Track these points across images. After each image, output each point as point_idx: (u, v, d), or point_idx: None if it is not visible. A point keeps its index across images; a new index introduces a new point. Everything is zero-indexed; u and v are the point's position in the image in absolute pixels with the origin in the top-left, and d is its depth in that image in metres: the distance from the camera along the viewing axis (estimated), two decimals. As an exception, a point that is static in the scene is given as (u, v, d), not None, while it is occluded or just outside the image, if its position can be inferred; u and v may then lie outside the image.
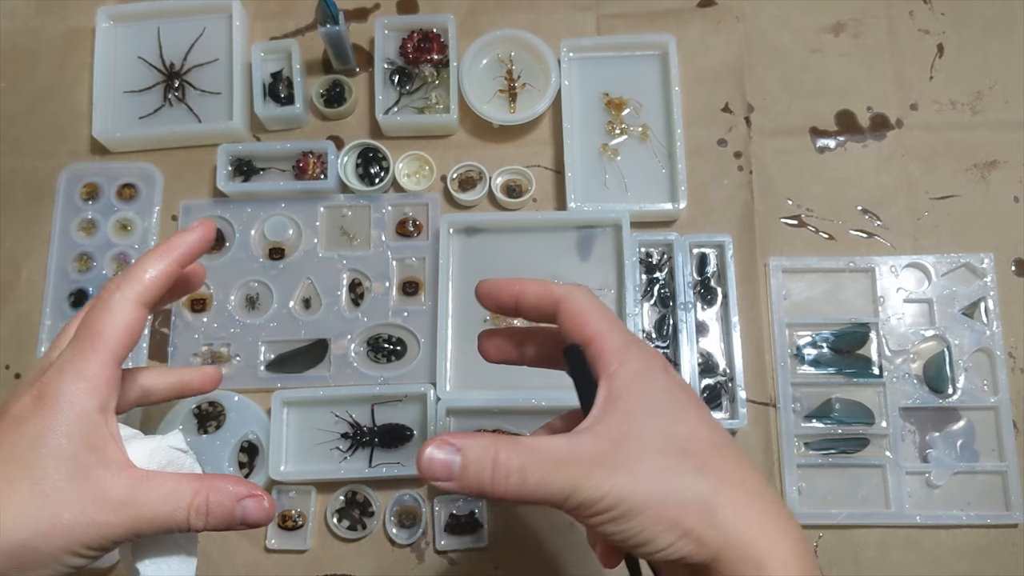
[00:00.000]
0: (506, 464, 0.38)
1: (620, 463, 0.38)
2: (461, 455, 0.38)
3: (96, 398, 0.39)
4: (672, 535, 0.37)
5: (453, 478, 0.38)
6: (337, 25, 0.73)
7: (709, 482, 0.38)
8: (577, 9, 0.81)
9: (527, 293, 0.44)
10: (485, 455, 0.38)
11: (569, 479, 0.37)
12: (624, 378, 0.40)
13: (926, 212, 0.76)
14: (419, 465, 0.39)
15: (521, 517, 0.70)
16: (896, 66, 0.79)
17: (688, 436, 0.39)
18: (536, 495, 0.37)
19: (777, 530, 0.39)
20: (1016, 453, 0.69)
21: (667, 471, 0.38)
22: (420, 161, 0.77)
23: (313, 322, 0.74)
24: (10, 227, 0.77)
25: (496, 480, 0.38)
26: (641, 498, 0.37)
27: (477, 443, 0.38)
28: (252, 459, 0.71)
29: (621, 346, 0.41)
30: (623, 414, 0.39)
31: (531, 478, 0.37)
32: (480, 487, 0.38)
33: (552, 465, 0.37)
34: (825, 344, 0.73)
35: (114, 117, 0.78)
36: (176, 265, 0.43)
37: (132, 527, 0.39)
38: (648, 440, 0.39)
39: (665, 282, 0.74)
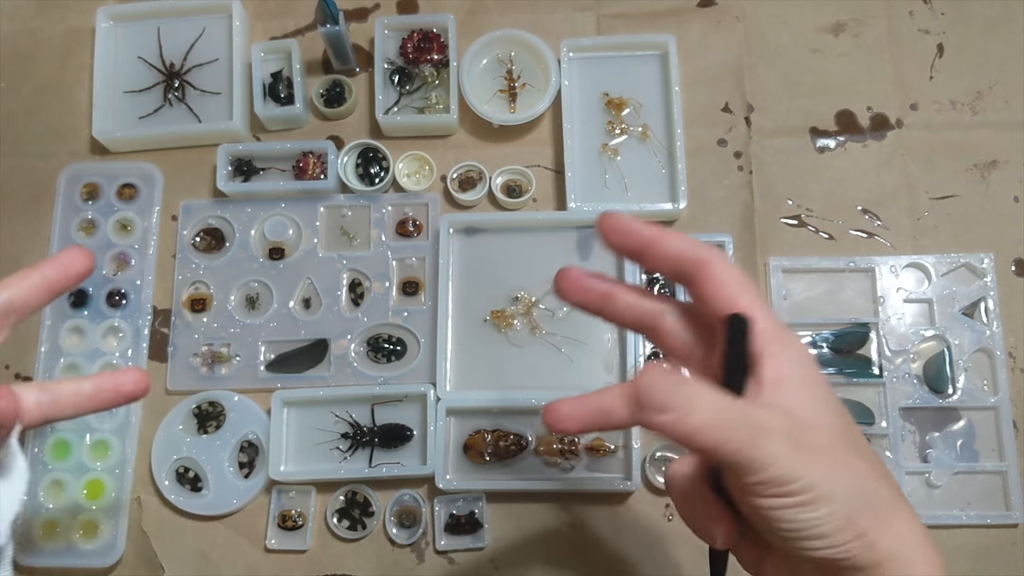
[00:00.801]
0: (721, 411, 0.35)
1: (815, 448, 0.36)
2: (689, 388, 0.35)
3: None
4: (849, 533, 0.36)
5: (674, 409, 0.35)
6: (337, 25, 0.73)
7: (881, 483, 0.38)
8: (577, 9, 0.81)
9: (663, 243, 0.40)
10: (710, 397, 0.35)
11: (774, 450, 0.35)
12: (791, 362, 0.38)
13: (926, 212, 0.76)
14: (640, 387, 0.35)
15: (521, 517, 0.70)
16: (896, 66, 0.79)
17: (856, 435, 0.38)
18: (735, 455, 0.35)
19: (929, 548, 0.38)
20: (1016, 453, 0.69)
21: (854, 466, 0.37)
22: (420, 161, 0.77)
23: (313, 322, 0.74)
24: (10, 227, 0.77)
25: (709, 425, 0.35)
26: (833, 488, 0.36)
27: (703, 383, 0.36)
28: (252, 459, 0.71)
29: (779, 328, 0.39)
30: (801, 398, 0.37)
31: (739, 436, 0.35)
32: (694, 426, 0.35)
33: (759, 430, 0.35)
34: (825, 344, 0.73)
35: (114, 117, 0.78)
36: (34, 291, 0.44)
37: None
38: (831, 431, 0.37)
39: (665, 282, 0.74)
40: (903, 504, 0.39)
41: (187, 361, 0.73)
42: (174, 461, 0.71)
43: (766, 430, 0.35)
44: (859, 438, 0.39)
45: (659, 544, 0.69)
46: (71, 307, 0.75)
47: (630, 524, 0.69)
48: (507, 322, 0.72)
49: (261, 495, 0.71)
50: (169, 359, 0.74)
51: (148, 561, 0.70)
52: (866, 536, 0.36)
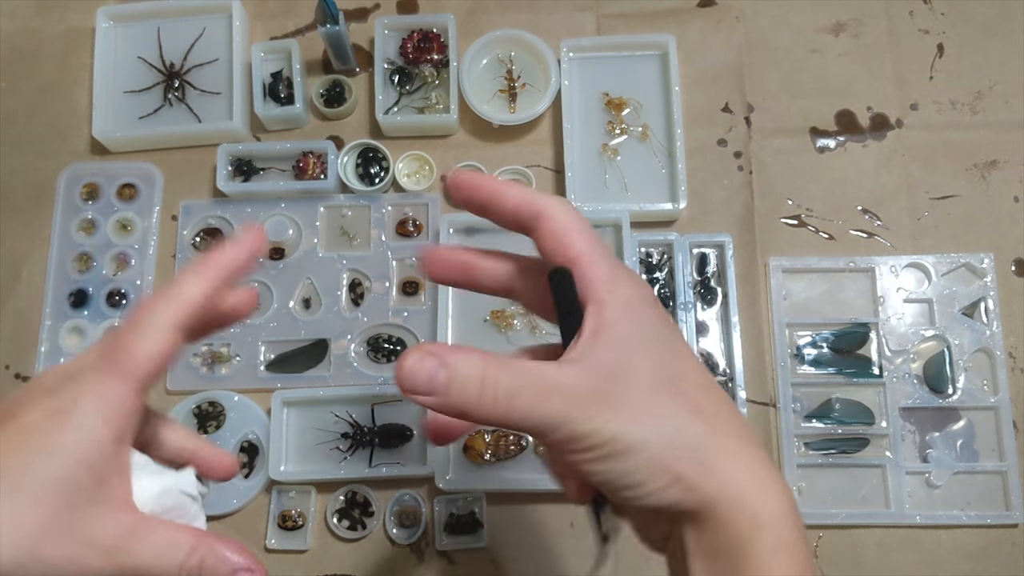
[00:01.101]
0: (495, 384, 0.35)
1: (615, 398, 0.35)
2: (448, 370, 0.35)
3: (113, 427, 0.36)
4: (663, 479, 0.35)
5: (436, 393, 0.35)
6: (337, 25, 0.73)
7: (704, 426, 0.36)
8: (577, 9, 0.81)
9: (505, 194, 0.40)
10: (474, 372, 0.35)
11: (560, 408, 0.35)
12: (614, 308, 0.37)
13: (926, 212, 0.76)
14: (399, 375, 0.35)
15: (521, 517, 0.70)
16: (896, 66, 0.79)
17: (680, 376, 0.37)
18: (525, 421, 0.35)
19: (769, 482, 0.36)
20: (1016, 453, 0.69)
21: (662, 411, 0.36)
22: (420, 161, 0.77)
23: (313, 322, 0.74)
24: (10, 227, 0.77)
25: (483, 400, 0.35)
26: (635, 437, 0.35)
27: (466, 358, 0.35)
28: (252, 459, 0.71)
29: (610, 272, 0.38)
30: (614, 346, 0.36)
31: (520, 403, 0.35)
32: (464, 405, 0.35)
33: (543, 391, 0.35)
34: (825, 344, 0.73)
35: (114, 117, 0.78)
36: (220, 284, 0.39)
37: (118, 572, 0.35)
38: (642, 377, 0.36)
39: (665, 282, 0.74)
40: (738, 443, 0.37)
41: (187, 361, 0.73)
42: (174, 461, 0.71)
43: (552, 390, 0.35)
44: (686, 379, 0.37)
45: (659, 544, 0.69)
46: (71, 307, 0.75)
47: (630, 524, 0.69)
48: (507, 322, 0.72)
49: (261, 495, 0.71)
50: (169, 359, 0.74)
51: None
52: (684, 480, 0.35)
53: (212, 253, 0.39)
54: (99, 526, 0.35)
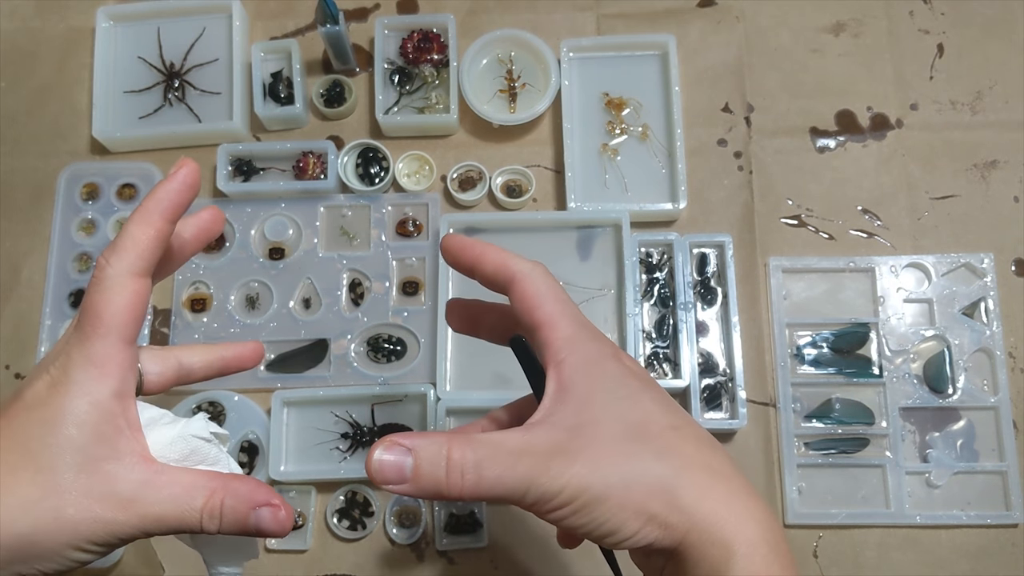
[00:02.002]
0: (460, 461, 0.36)
1: (577, 452, 0.37)
2: (413, 456, 0.37)
3: (108, 383, 0.37)
4: (637, 522, 0.36)
5: (406, 480, 0.37)
6: (337, 25, 0.73)
7: (670, 464, 0.37)
8: (577, 9, 0.81)
9: (485, 261, 0.42)
10: (438, 454, 0.36)
11: (526, 473, 0.36)
12: (573, 367, 0.39)
13: (926, 212, 0.76)
14: (368, 469, 0.37)
15: (521, 517, 0.70)
16: (896, 66, 0.79)
17: (644, 420, 0.39)
18: (494, 491, 0.36)
19: (744, 512, 0.37)
20: (1016, 453, 0.69)
21: (625, 457, 0.37)
22: (420, 161, 0.77)
23: (313, 322, 0.74)
24: (10, 227, 0.77)
25: (451, 479, 0.36)
26: (601, 486, 0.36)
27: (428, 442, 0.37)
28: (252, 459, 0.71)
29: (571, 334, 0.40)
30: (576, 403, 0.38)
31: (487, 474, 0.36)
32: (436, 488, 0.37)
33: (508, 459, 0.36)
34: (825, 344, 0.73)
35: (114, 117, 0.78)
36: (164, 223, 0.40)
37: (140, 526, 0.37)
38: (604, 428, 0.38)
39: (665, 282, 0.74)
40: (710, 477, 0.38)
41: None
42: (174, 461, 0.71)
43: (517, 455, 0.36)
44: (650, 422, 0.39)
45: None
46: (71, 307, 0.75)
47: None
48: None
49: (261, 495, 0.71)
50: (169, 359, 0.74)
51: (148, 561, 0.70)
52: (656, 519, 0.36)
53: (149, 195, 0.40)
54: (114, 482, 0.37)
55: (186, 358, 0.45)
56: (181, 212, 0.40)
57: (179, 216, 0.40)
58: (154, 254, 0.39)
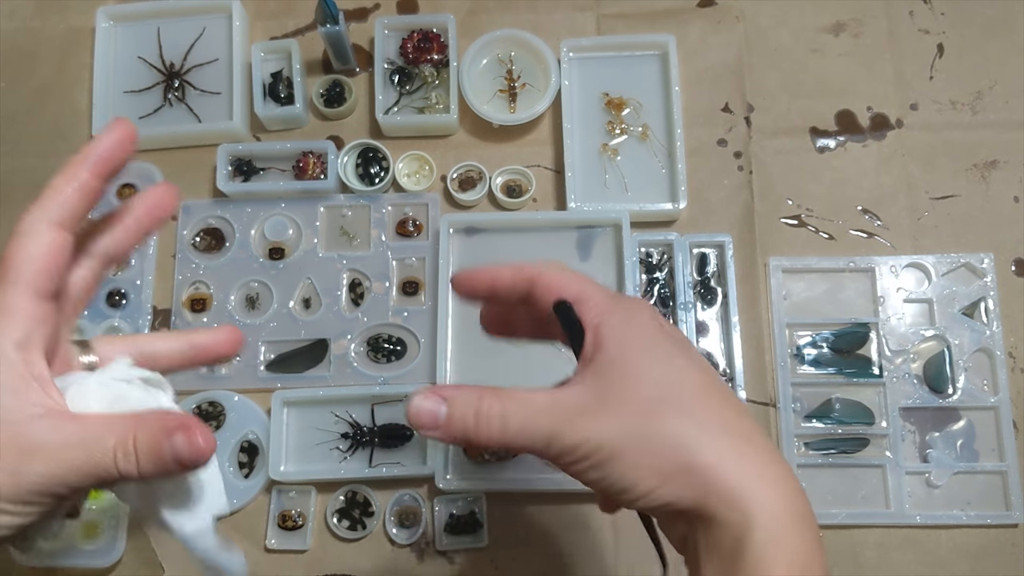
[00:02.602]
0: (488, 411, 0.39)
1: (600, 410, 0.38)
2: (447, 404, 0.39)
3: (10, 334, 0.35)
4: (653, 480, 0.37)
5: (439, 426, 0.39)
6: (337, 25, 0.73)
7: (691, 424, 0.37)
8: (577, 9, 0.81)
9: (500, 277, 0.44)
10: (469, 403, 0.39)
11: (548, 426, 0.38)
12: (609, 327, 0.40)
13: (926, 212, 0.76)
14: (408, 413, 0.40)
15: (521, 517, 0.70)
16: (896, 66, 0.79)
17: (673, 381, 0.39)
18: (517, 441, 0.38)
19: (766, 478, 0.37)
20: (1016, 453, 0.69)
21: (647, 415, 0.38)
22: (420, 161, 0.77)
23: (313, 322, 0.74)
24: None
25: (479, 426, 0.39)
26: (619, 442, 0.37)
27: (462, 392, 0.40)
28: (252, 459, 0.71)
29: (605, 300, 0.41)
30: (607, 362, 0.39)
31: (511, 425, 0.38)
32: (464, 433, 0.39)
33: (533, 412, 0.38)
34: (825, 344, 0.73)
35: (114, 117, 0.78)
36: (91, 176, 0.38)
37: (49, 474, 0.34)
38: (631, 386, 0.38)
39: (665, 282, 0.74)
40: (734, 440, 0.38)
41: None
42: (174, 461, 0.71)
43: (542, 410, 0.38)
44: (679, 384, 0.39)
45: (659, 544, 0.69)
46: (71, 307, 0.74)
47: (630, 524, 0.69)
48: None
49: (261, 495, 0.71)
50: (169, 359, 0.74)
51: (148, 561, 0.70)
52: (673, 480, 0.37)
53: (81, 150, 0.39)
54: (14, 430, 0.34)
55: (148, 345, 0.44)
56: (111, 168, 0.39)
57: (109, 172, 0.39)
58: (76, 206, 0.38)
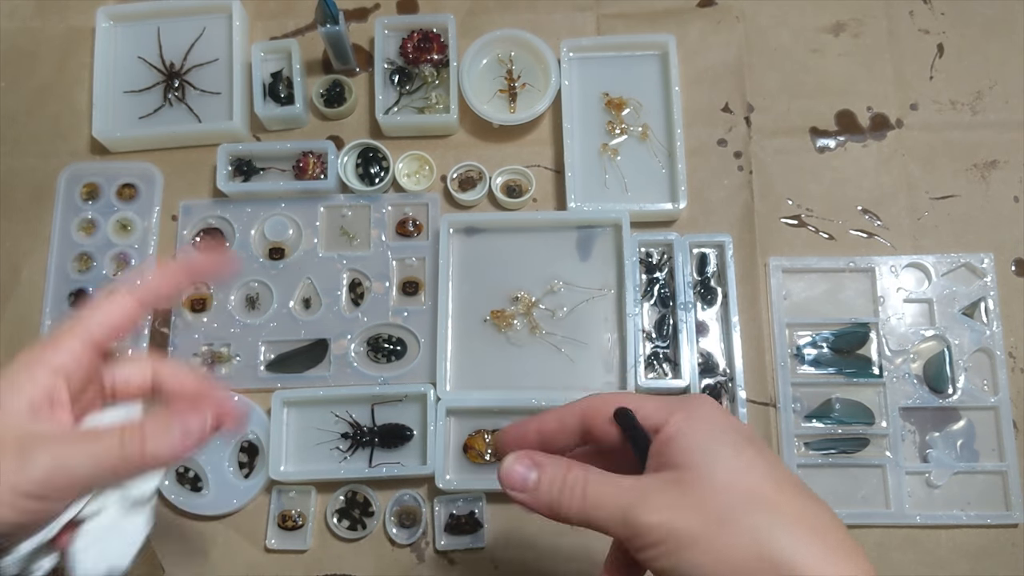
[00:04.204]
0: (573, 481, 0.41)
1: (679, 497, 0.39)
2: (538, 471, 0.42)
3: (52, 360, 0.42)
4: (726, 572, 0.37)
5: (527, 490, 0.42)
6: (337, 25, 0.73)
7: (768, 518, 0.38)
8: (577, 9, 0.81)
9: (546, 422, 0.45)
10: (557, 471, 0.42)
11: (629, 500, 0.39)
12: (675, 424, 0.41)
13: (926, 212, 0.76)
14: (499, 474, 0.42)
15: (521, 518, 0.70)
16: (896, 66, 0.79)
17: (746, 473, 0.40)
18: (596, 511, 0.40)
19: (845, 570, 0.37)
20: (1016, 453, 0.69)
21: (723, 507, 0.38)
22: (420, 161, 0.77)
23: (313, 322, 0.74)
24: (10, 227, 0.77)
25: (563, 494, 0.41)
26: (695, 531, 0.37)
27: (552, 461, 0.42)
28: (252, 459, 0.71)
29: (665, 402, 0.43)
30: (679, 457, 0.40)
31: (592, 493, 0.40)
32: (549, 500, 0.41)
33: (615, 488, 0.40)
34: (825, 344, 0.73)
35: (114, 117, 0.78)
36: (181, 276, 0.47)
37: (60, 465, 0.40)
38: (705, 478, 0.39)
39: (665, 282, 0.74)
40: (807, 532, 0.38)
41: (187, 361, 0.73)
42: (174, 461, 0.71)
43: (624, 488, 0.40)
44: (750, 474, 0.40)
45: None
46: (71, 307, 0.75)
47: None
48: (507, 322, 0.72)
49: (261, 495, 0.71)
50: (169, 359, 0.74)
51: (148, 561, 0.70)
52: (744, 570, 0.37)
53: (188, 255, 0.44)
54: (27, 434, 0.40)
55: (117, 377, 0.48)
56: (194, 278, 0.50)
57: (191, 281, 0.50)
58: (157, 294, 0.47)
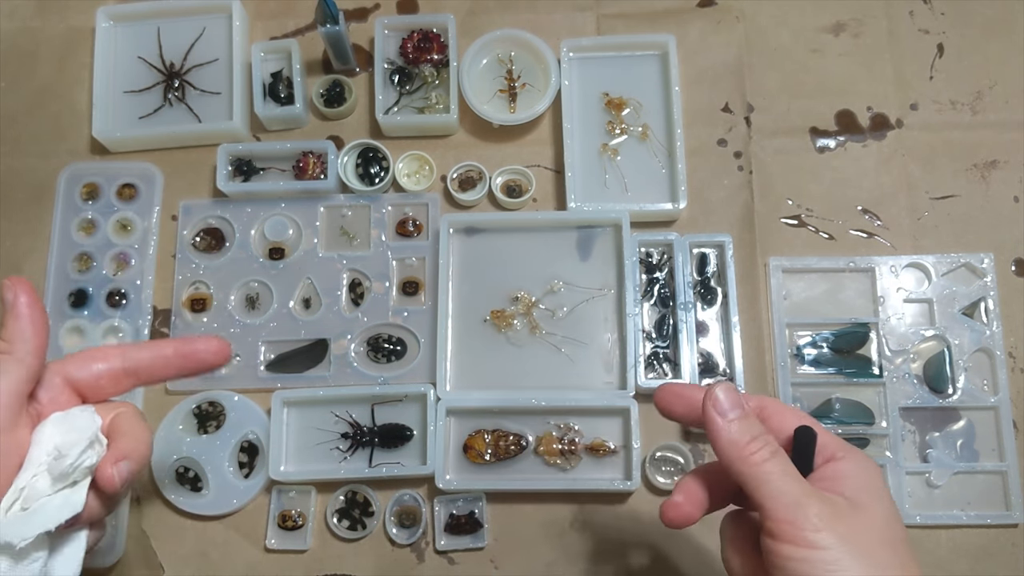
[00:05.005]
0: (764, 442, 0.45)
1: (841, 517, 0.42)
2: (742, 411, 0.46)
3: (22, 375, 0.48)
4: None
5: (727, 418, 0.45)
6: (337, 25, 0.73)
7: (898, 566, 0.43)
8: (577, 9, 0.81)
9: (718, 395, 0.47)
10: (756, 424, 0.46)
11: (802, 492, 0.43)
12: (851, 463, 0.46)
13: (926, 212, 0.76)
14: (710, 392, 0.46)
15: (521, 517, 0.70)
16: (896, 66, 0.79)
17: (894, 522, 0.44)
18: (769, 478, 0.43)
19: None
20: (1016, 453, 0.69)
21: (871, 542, 0.42)
22: (420, 161, 0.77)
23: (313, 322, 0.74)
24: (10, 227, 0.77)
25: (750, 445, 0.44)
26: (845, 556, 0.41)
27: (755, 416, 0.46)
28: (252, 459, 0.71)
29: (838, 439, 0.47)
30: (849, 488, 0.44)
31: (773, 467, 0.43)
32: (736, 439, 0.45)
33: (794, 474, 0.44)
34: (825, 344, 0.73)
35: (114, 117, 0.78)
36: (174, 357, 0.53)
37: None
38: (870, 517, 0.43)
39: (665, 282, 0.74)
40: None
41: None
42: (174, 461, 0.71)
43: (800, 480, 0.44)
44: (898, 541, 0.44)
45: (659, 544, 0.69)
46: (71, 307, 0.74)
47: (630, 524, 0.69)
48: (507, 322, 0.72)
49: (261, 495, 0.71)
50: (169, 359, 0.74)
51: (148, 561, 0.70)
52: None
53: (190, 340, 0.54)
54: None
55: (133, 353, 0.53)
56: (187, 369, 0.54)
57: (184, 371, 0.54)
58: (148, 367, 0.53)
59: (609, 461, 0.69)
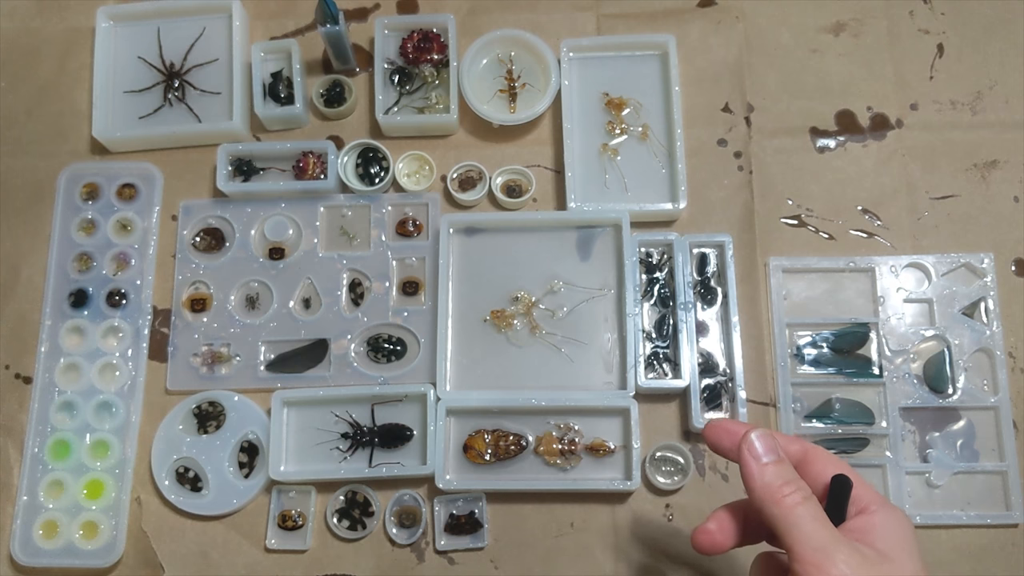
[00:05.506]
0: (797, 487, 0.46)
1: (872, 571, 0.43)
2: (777, 455, 0.47)
3: None
4: None
5: (759, 461, 0.46)
6: (337, 25, 0.73)
7: None
8: (577, 9, 0.81)
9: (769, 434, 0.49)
10: (789, 470, 0.47)
11: (830, 538, 0.43)
12: (885, 516, 0.46)
13: (926, 212, 0.76)
14: (747, 436, 0.47)
15: (521, 517, 0.70)
16: (896, 66, 0.79)
17: None
18: (799, 522, 0.44)
19: None
20: (1016, 453, 0.69)
21: None
22: (420, 161, 0.77)
23: (313, 322, 0.74)
24: (10, 227, 0.77)
25: (782, 489, 0.45)
26: None
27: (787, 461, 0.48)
28: (252, 459, 0.71)
29: (876, 495, 0.48)
30: (880, 540, 0.45)
31: (804, 511, 0.44)
32: (771, 482, 0.46)
33: (825, 520, 0.45)
34: (825, 344, 0.73)
35: (114, 117, 0.78)
36: None
37: None
38: (895, 573, 0.44)
39: (665, 282, 0.74)
40: None
41: (187, 361, 0.73)
42: (174, 461, 0.71)
43: (830, 526, 0.44)
44: None
45: (659, 544, 0.69)
46: (71, 307, 0.74)
47: (630, 524, 0.69)
48: (507, 322, 0.72)
49: (261, 495, 0.71)
50: (169, 359, 0.74)
51: (148, 561, 0.70)
52: None
53: None
54: None
55: None
56: None
57: None
58: None
59: (609, 461, 0.69)
